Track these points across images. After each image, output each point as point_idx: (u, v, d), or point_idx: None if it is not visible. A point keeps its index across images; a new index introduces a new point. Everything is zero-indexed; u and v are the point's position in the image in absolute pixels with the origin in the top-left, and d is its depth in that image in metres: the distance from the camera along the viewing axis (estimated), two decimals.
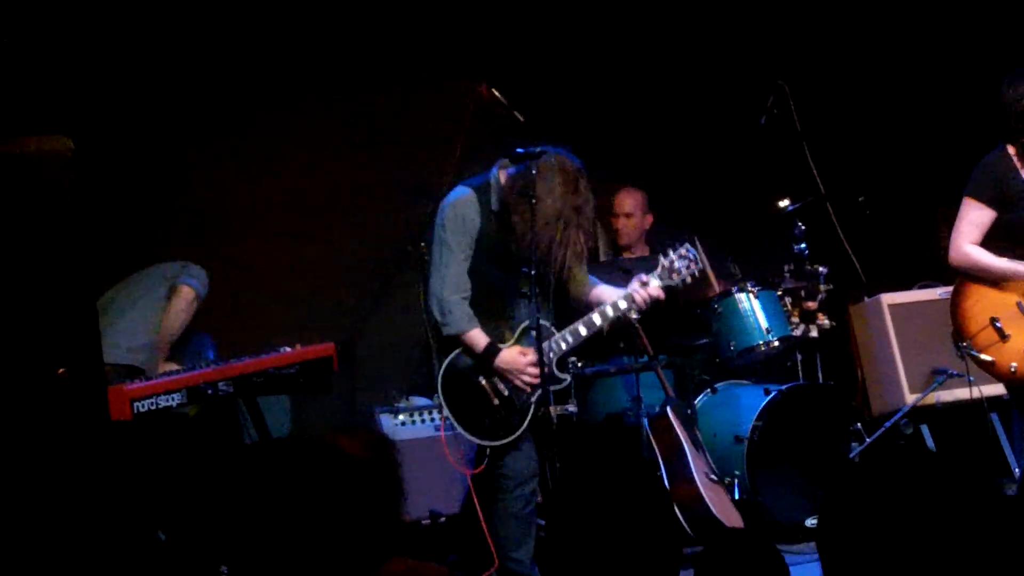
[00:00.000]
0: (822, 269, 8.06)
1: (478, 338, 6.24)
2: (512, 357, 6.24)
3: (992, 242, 6.11)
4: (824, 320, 8.00)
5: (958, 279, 6.23)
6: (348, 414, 8.34)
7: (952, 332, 6.26)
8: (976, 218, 6.11)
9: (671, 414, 7.03)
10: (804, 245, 8.09)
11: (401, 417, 7.73)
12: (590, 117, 9.06)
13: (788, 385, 7.65)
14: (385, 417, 7.71)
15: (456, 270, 6.22)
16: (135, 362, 6.85)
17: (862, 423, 7.79)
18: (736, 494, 7.24)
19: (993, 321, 6.07)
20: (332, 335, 7.27)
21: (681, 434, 6.98)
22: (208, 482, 6.61)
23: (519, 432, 6.24)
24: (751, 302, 7.83)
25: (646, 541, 3.31)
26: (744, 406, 7.55)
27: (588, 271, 6.60)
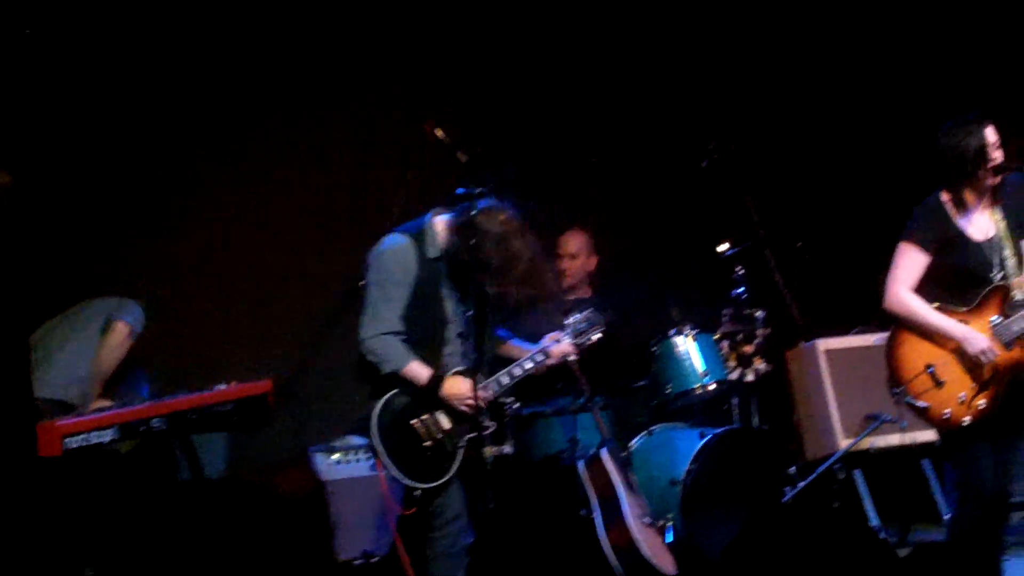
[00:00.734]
0: (759, 313, 8.10)
1: (419, 370, 6.27)
2: (456, 384, 6.26)
3: (927, 287, 6.15)
4: (761, 364, 8.04)
5: (894, 325, 6.25)
6: (289, 452, 8.30)
7: (887, 378, 6.28)
8: (912, 263, 6.15)
9: (606, 457, 7.02)
10: (743, 289, 8.14)
11: (336, 456, 7.67)
12: (536, 158, 9.09)
13: (723, 429, 7.67)
14: (320, 456, 7.66)
15: (390, 312, 6.26)
16: (67, 397, 6.80)
17: (796, 467, 7.80)
18: (670, 537, 7.22)
19: (928, 368, 6.10)
20: (275, 372, 7.25)
21: (616, 477, 6.96)
22: (139, 520, 6.56)
23: (450, 475, 6.25)
24: (688, 345, 7.87)
25: None
26: (680, 449, 7.55)
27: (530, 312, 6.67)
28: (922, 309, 6.11)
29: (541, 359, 6.53)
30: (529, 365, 6.51)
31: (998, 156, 6.07)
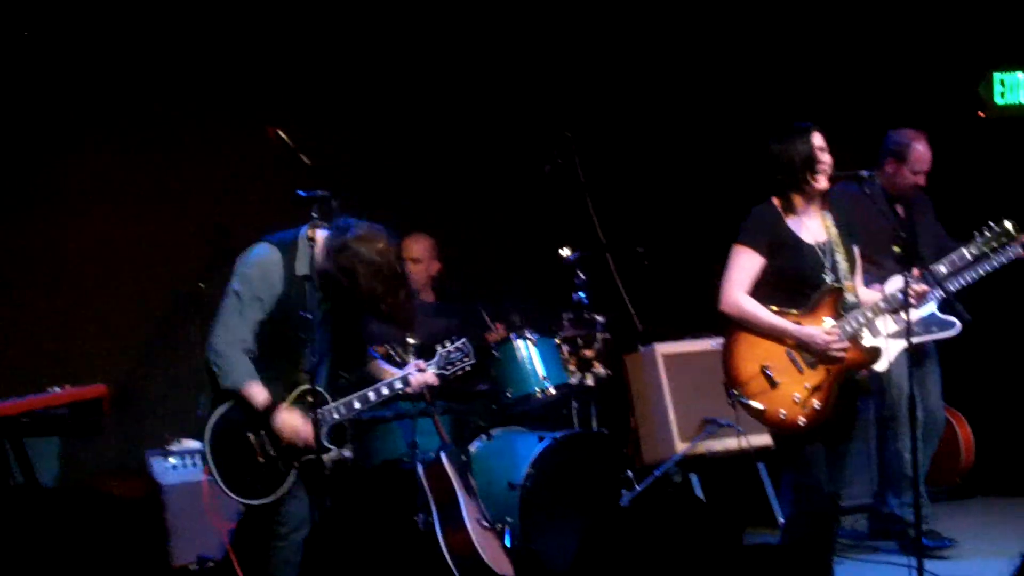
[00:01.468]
0: (600, 318, 8.17)
1: (257, 393, 6.02)
2: (291, 420, 6.07)
3: (761, 289, 6.23)
4: (600, 369, 8.10)
5: (729, 328, 6.30)
6: (126, 456, 8.18)
7: (724, 380, 6.34)
8: (746, 265, 6.22)
9: (445, 461, 7.02)
10: (584, 294, 8.20)
11: (172, 460, 7.58)
12: (378, 161, 9.09)
13: (562, 433, 7.69)
14: (156, 460, 7.55)
15: (243, 326, 6.00)
16: None
17: (633, 471, 7.85)
18: (508, 541, 7.24)
19: (763, 369, 6.16)
20: (113, 375, 7.14)
21: (455, 480, 6.96)
22: None
23: (277, 495, 6.08)
24: (529, 349, 7.90)
25: None
26: (519, 453, 7.57)
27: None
28: (758, 311, 6.18)
29: (400, 387, 6.29)
30: (385, 392, 6.26)
31: (826, 161, 6.20)
